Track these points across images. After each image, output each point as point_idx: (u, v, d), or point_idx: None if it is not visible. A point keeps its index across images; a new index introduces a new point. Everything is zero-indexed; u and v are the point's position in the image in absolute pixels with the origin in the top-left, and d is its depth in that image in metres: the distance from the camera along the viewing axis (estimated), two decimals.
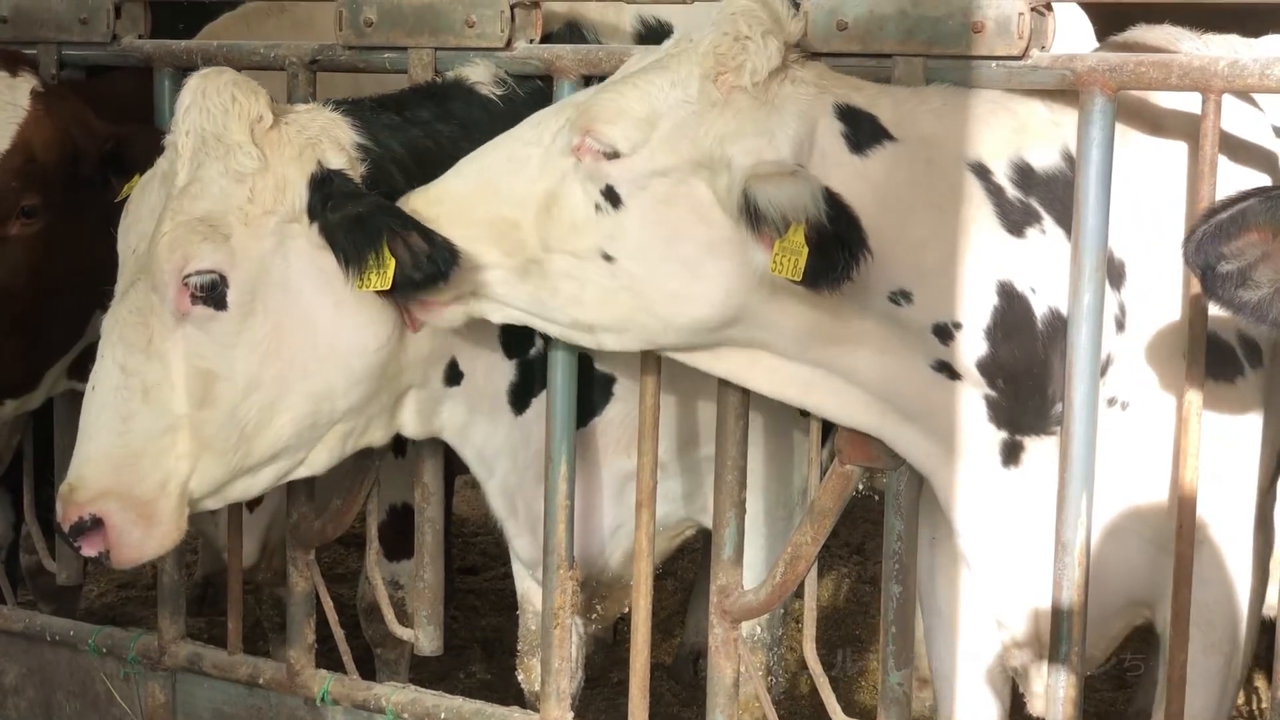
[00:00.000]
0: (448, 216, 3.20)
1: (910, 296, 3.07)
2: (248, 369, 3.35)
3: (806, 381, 3.27)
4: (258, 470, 3.47)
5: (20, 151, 3.87)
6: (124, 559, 3.38)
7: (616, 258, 3.12)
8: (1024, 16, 3.12)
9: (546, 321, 3.29)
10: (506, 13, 3.65)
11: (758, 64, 3.05)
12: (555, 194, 3.15)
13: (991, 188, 3.10)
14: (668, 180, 3.08)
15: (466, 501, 7.87)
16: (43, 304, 3.94)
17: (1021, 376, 3.13)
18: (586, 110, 3.16)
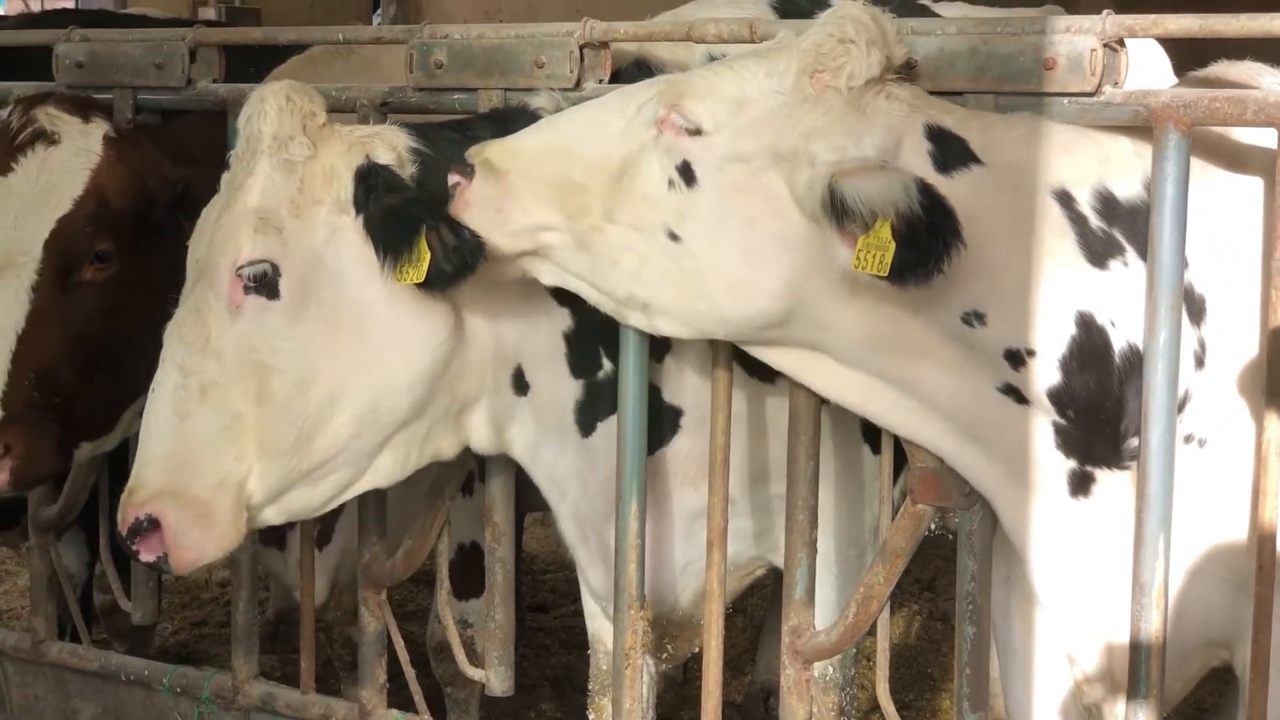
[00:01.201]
0: (518, 170, 3.19)
1: (984, 319, 3.05)
2: (302, 362, 3.35)
3: (867, 389, 3.24)
4: (318, 478, 3.45)
5: (93, 197, 3.91)
6: (182, 561, 3.36)
7: (682, 237, 3.10)
8: (1096, 53, 3.10)
9: (602, 294, 3.25)
10: (576, 53, 3.66)
11: (856, 69, 3.04)
12: (630, 163, 3.13)
13: (1075, 216, 3.07)
14: (746, 167, 3.06)
15: (536, 539, 7.90)
16: (117, 347, 3.97)
17: (1094, 409, 3.10)
18: (677, 85, 3.15)
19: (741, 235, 3.06)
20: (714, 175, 3.07)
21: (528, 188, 3.18)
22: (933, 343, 3.11)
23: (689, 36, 3.63)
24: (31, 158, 3.92)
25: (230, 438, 3.34)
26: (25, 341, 3.81)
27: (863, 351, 3.17)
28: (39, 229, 3.87)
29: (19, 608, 6.60)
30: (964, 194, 3.03)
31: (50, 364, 3.83)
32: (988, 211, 3.05)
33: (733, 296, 3.11)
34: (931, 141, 3.07)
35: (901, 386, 3.19)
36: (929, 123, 3.09)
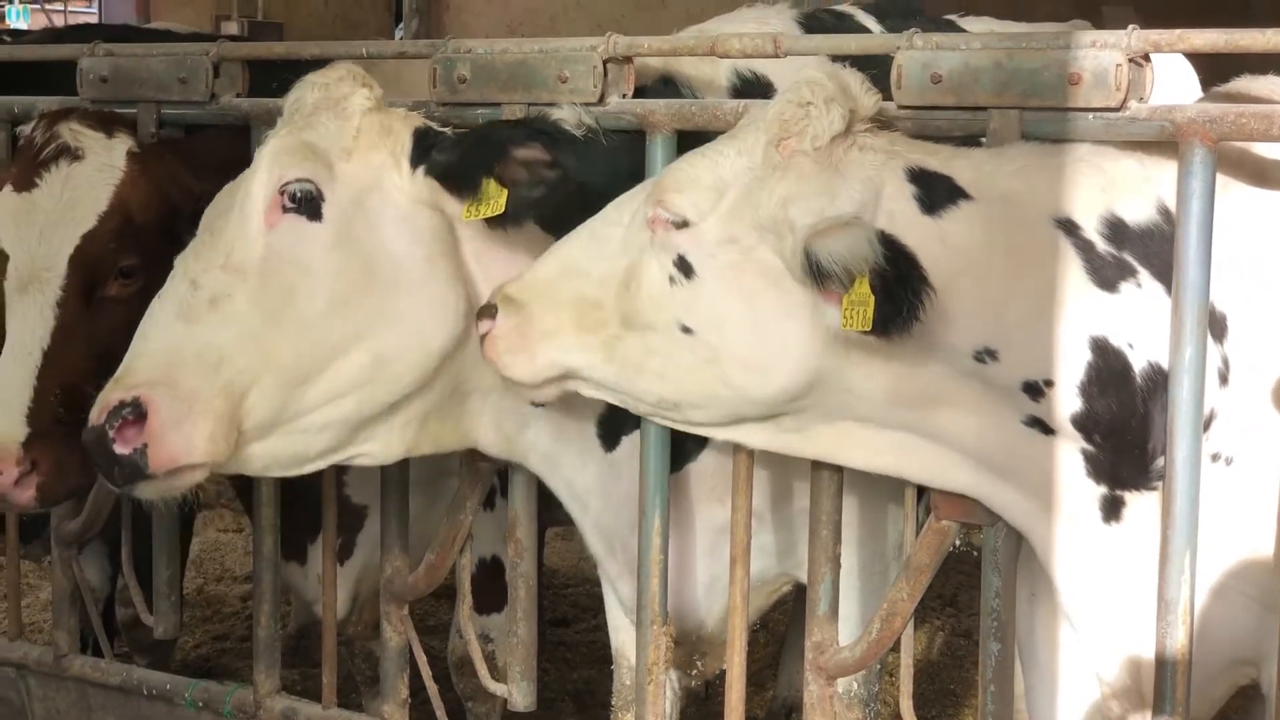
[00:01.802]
0: (536, 300, 3.25)
1: (996, 355, 3.05)
2: (332, 291, 3.37)
3: (899, 448, 3.25)
4: (310, 430, 3.42)
5: (118, 212, 3.91)
6: (162, 456, 3.25)
7: (693, 329, 3.13)
8: (1121, 68, 3.09)
9: (636, 401, 3.31)
10: (599, 68, 3.66)
11: (819, 129, 3.07)
12: (633, 269, 3.18)
13: (1080, 244, 3.06)
14: (736, 247, 3.09)
15: (557, 553, 7.90)
16: None
17: (1120, 431, 3.09)
18: (659, 183, 3.20)
19: (746, 314, 3.09)
20: (709, 262, 3.11)
21: (547, 313, 3.24)
22: (951, 386, 3.11)
23: (713, 51, 3.63)
24: (56, 173, 3.92)
25: (239, 348, 3.31)
26: (51, 358, 3.81)
27: (888, 408, 3.17)
28: (63, 245, 3.87)
29: (41, 621, 6.62)
30: (956, 232, 3.04)
31: (76, 380, 3.82)
32: (984, 246, 3.05)
33: (751, 376, 3.14)
34: (915, 184, 3.08)
35: (930, 437, 3.20)
36: (909, 166, 3.10)
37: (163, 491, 3.34)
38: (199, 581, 7.74)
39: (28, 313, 3.85)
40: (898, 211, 3.05)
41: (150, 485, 3.30)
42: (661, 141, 3.57)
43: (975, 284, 3.02)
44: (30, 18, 26.84)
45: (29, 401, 3.78)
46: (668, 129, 3.57)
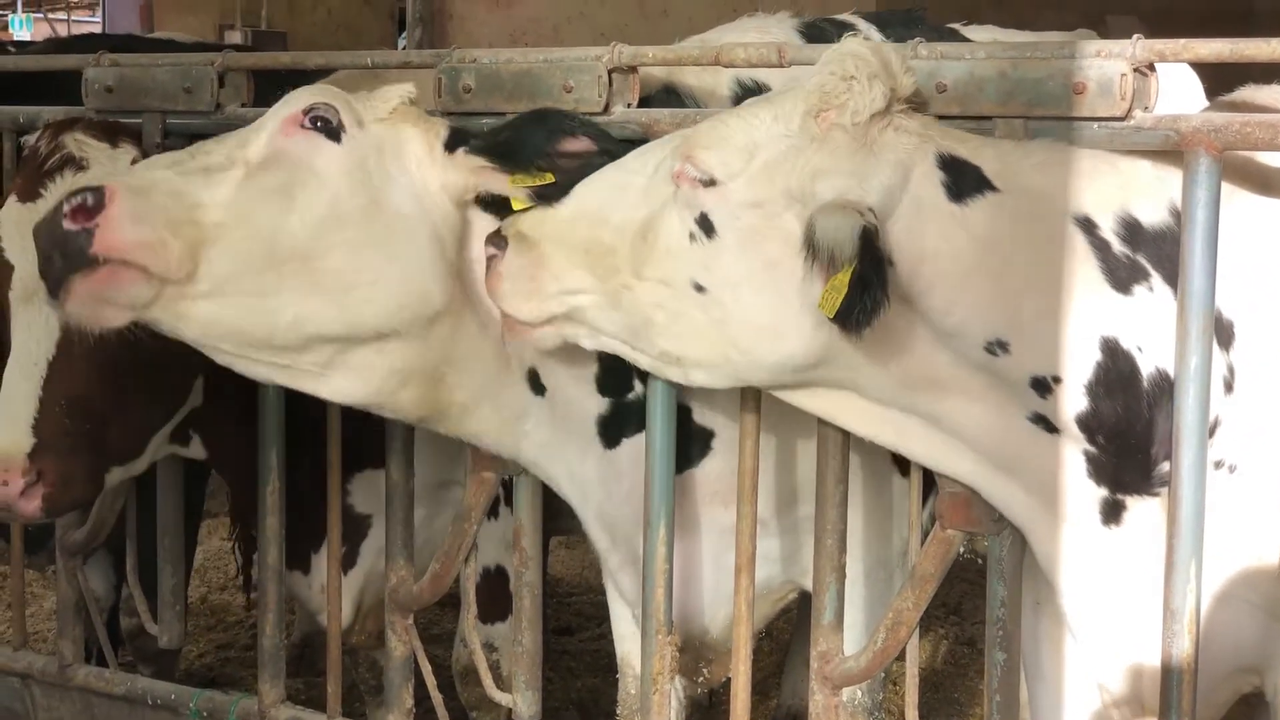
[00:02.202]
0: (549, 238, 3.24)
1: (1007, 347, 3.04)
2: (327, 202, 3.38)
3: (900, 426, 3.24)
4: (266, 313, 3.35)
5: None
6: (108, 240, 3.17)
7: (708, 288, 3.11)
8: (1126, 77, 3.09)
9: (637, 351, 3.27)
10: (604, 77, 3.66)
11: (860, 104, 3.04)
12: (653, 220, 3.16)
13: (1097, 242, 3.06)
14: (761, 212, 3.07)
15: (561, 561, 7.90)
16: (148, 373, 3.98)
17: (1124, 435, 3.08)
18: (689, 137, 3.17)
19: (763, 280, 3.07)
20: (731, 224, 3.08)
21: (559, 254, 3.22)
22: (960, 375, 3.10)
23: (718, 61, 3.63)
24: (60, 184, 3.92)
25: (221, 204, 3.31)
26: (56, 369, 3.81)
27: (894, 389, 3.16)
28: None
29: (45, 630, 6.61)
30: (979, 221, 3.04)
31: (81, 391, 3.83)
32: (1005, 238, 3.05)
33: (763, 342, 3.12)
34: (944, 170, 3.07)
35: (934, 421, 3.19)
36: (941, 152, 3.09)
37: (96, 299, 3.23)
38: (203, 590, 7.74)
39: (33, 323, 3.85)
40: (925, 197, 3.04)
41: (87, 283, 3.20)
42: None
43: (994, 275, 3.02)
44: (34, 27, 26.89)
45: (34, 412, 3.78)
46: None
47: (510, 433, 3.72)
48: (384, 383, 3.52)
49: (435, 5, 9.03)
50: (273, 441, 4.23)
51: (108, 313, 3.27)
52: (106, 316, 3.27)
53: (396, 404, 3.61)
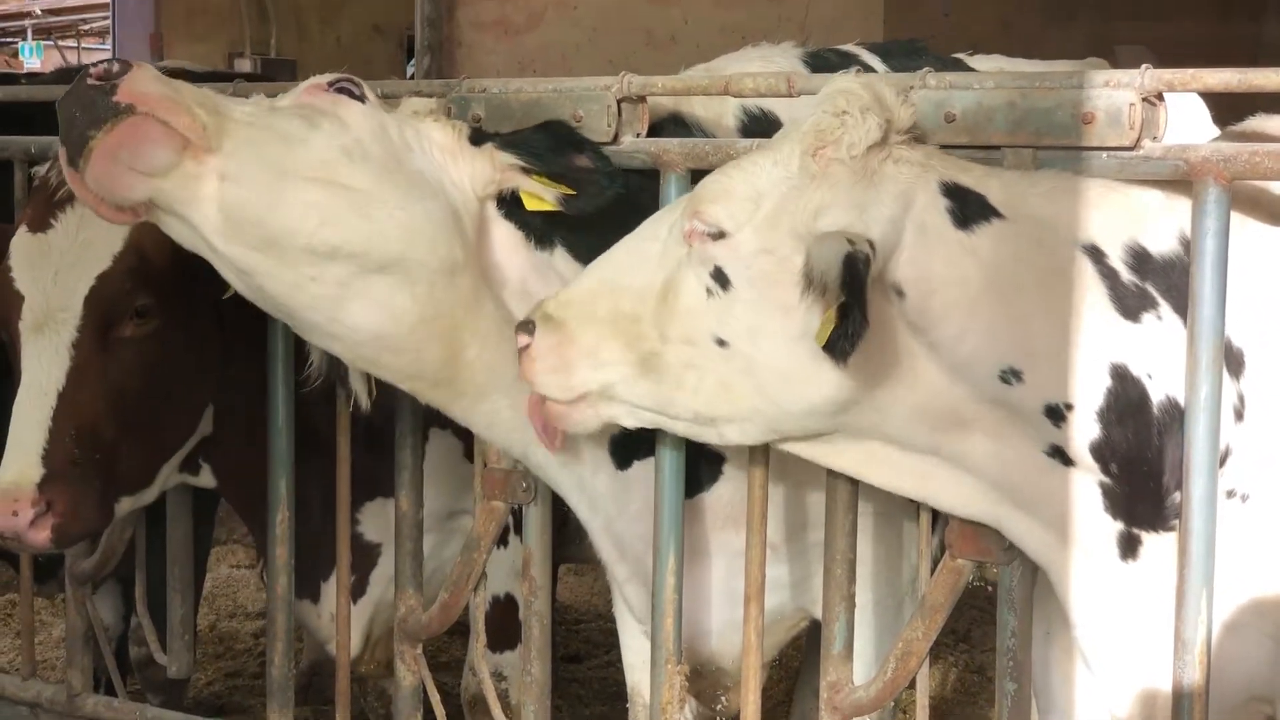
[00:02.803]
0: (575, 318, 3.23)
1: (1020, 375, 3.04)
2: (338, 140, 3.36)
3: (923, 472, 3.24)
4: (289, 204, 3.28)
5: (133, 252, 3.92)
6: (132, 89, 3.15)
7: (729, 341, 3.11)
8: (1135, 107, 3.09)
9: (671, 419, 3.27)
10: (613, 107, 3.67)
11: (854, 137, 3.04)
12: (671, 282, 3.16)
13: (1105, 270, 3.07)
14: (771, 258, 3.06)
15: (569, 588, 7.89)
16: (156, 401, 3.99)
17: (1135, 462, 3.09)
18: (695, 194, 3.19)
19: (780, 325, 3.06)
20: (744, 273, 3.08)
21: (585, 329, 3.22)
22: (979, 410, 3.10)
23: (727, 91, 3.63)
24: (71, 214, 3.94)
25: (240, 107, 3.35)
26: (66, 399, 3.82)
27: (915, 430, 3.16)
28: (79, 285, 3.88)
29: (54, 659, 6.60)
30: (986, 248, 3.04)
31: (91, 421, 3.84)
32: (1013, 265, 3.05)
33: (788, 388, 3.11)
34: (948, 197, 3.07)
35: (955, 463, 3.19)
36: (944, 180, 3.09)
37: (116, 159, 3.15)
38: (211, 618, 7.73)
39: (43, 353, 3.86)
40: (930, 224, 3.04)
41: (108, 139, 3.15)
42: (675, 181, 3.58)
43: (1003, 302, 3.02)
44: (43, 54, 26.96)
45: (44, 442, 3.78)
46: (681, 168, 3.57)
47: (522, 430, 3.61)
48: (404, 322, 3.42)
49: (444, 33, 9.06)
50: (282, 470, 4.24)
51: (126, 180, 3.19)
52: (125, 184, 3.19)
53: (418, 359, 3.50)
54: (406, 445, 4.13)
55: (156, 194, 3.24)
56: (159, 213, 3.30)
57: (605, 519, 3.87)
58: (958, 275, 2.99)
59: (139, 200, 3.24)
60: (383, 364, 3.54)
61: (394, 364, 3.53)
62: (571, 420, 3.31)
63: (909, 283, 3.01)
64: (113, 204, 3.24)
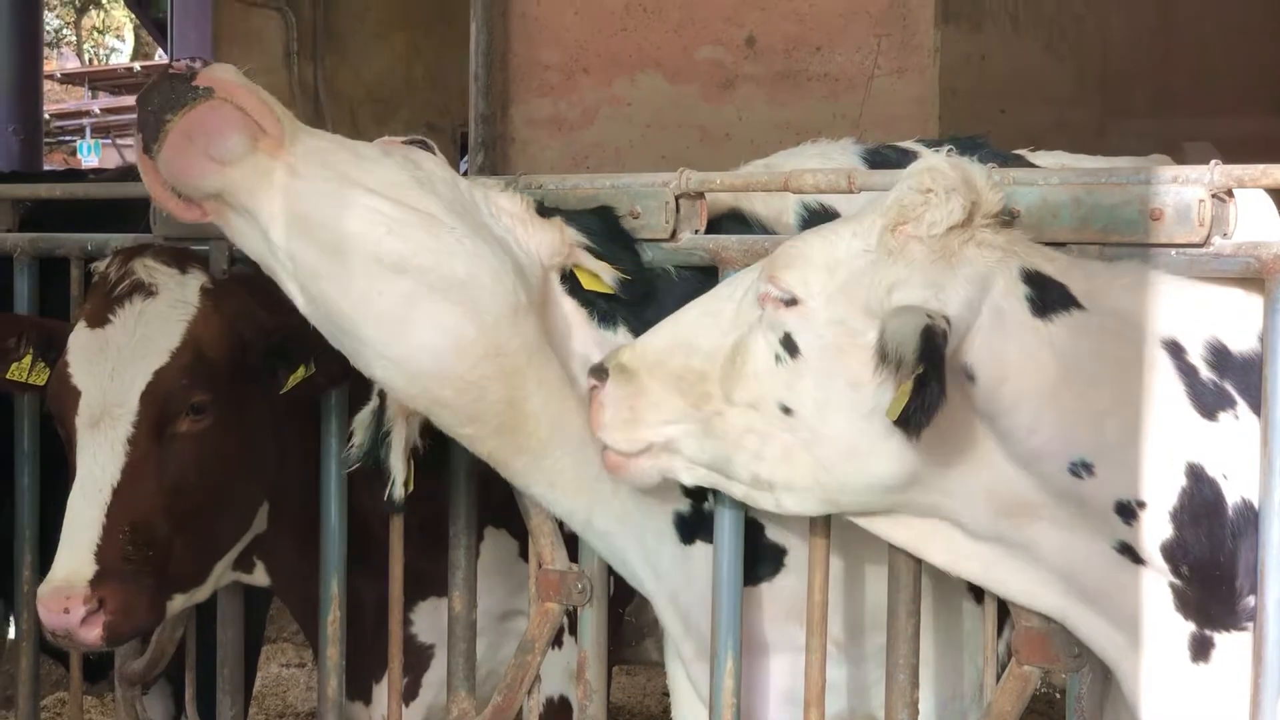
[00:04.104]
0: (647, 368, 3.23)
1: (1092, 469, 2.99)
2: (406, 172, 3.37)
3: (986, 558, 3.19)
4: (353, 206, 3.26)
5: (189, 349, 3.92)
6: (213, 75, 3.17)
7: (794, 410, 3.08)
8: (1204, 203, 3.05)
9: (730, 480, 3.24)
10: (671, 204, 3.65)
11: (936, 217, 3.01)
12: (741, 345, 3.15)
13: (1184, 367, 3.02)
14: (843, 329, 3.04)
15: (622, 689, 7.81)
16: (211, 498, 3.96)
17: (1208, 565, 3.02)
18: (772, 258, 3.17)
19: (848, 399, 3.03)
20: (815, 343, 3.06)
21: (655, 383, 3.22)
22: (1046, 500, 3.05)
23: (786, 186, 3.60)
24: (129, 309, 3.94)
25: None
26: (120, 495, 3.79)
27: (980, 513, 3.11)
28: (135, 381, 3.87)
29: None
30: (1064, 338, 2.99)
31: (144, 517, 3.81)
32: (1091, 357, 3.00)
33: (851, 463, 3.08)
34: (1028, 284, 3.03)
35: (1020, 551, 3.13)
36: (1025, 267, 3.05)
37: (190, 141, 3.16)
38: (260, 718, 7.67)
39: (98, 449, 3.84)
40: (1008, 309, 3.00)
41: (185, 120, 3.16)
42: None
43: (1078, 394, 2.97)
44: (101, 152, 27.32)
45: (97, 539, 3.75)
46: (740, 265, 3.54)
47: (586, 492, 3.60)
48: (468, 354, 3.34)
49: (498, 130, 9.11)
50: (334, 570, 4.20)
51: (199, 166, 3.18)
52: (197, 170, 3.19)
53: (480, 398, 3.40)
54: (460, 544, 4.08)
55: (227, 184, 3.22)
56: (226, 211, 3.29)
57: (671, 591, 3.80)
58: (1033, 364, 2.95)
59: (209, 190, 3.23)
60: (444, 401, 3.42)
61: (455, 402, 3.42)
62: (630, 472, 3.29)
63: (981, 366, 2.97)
64: (184, 192, 3.24)
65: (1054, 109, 8.61)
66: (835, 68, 8.54)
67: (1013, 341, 2.96)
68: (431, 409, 3.47)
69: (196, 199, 3.26)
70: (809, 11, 8.49)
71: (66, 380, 3.94)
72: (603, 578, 3.90)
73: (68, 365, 3.95)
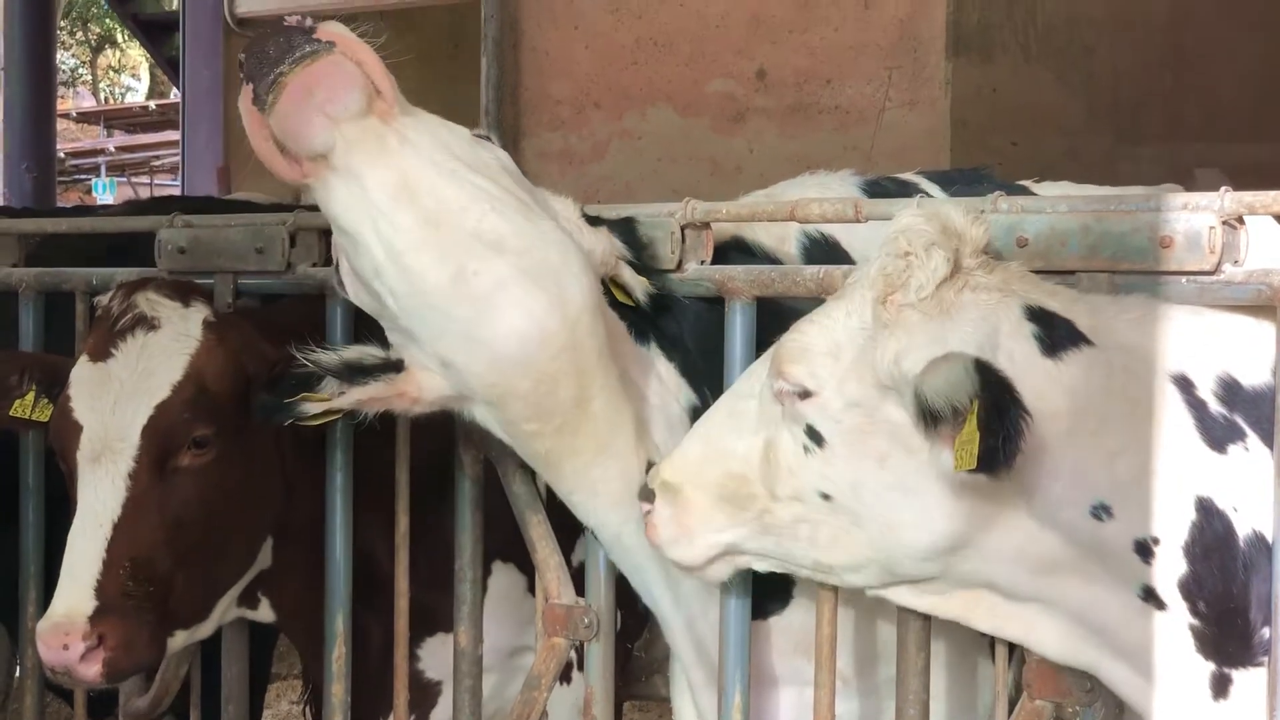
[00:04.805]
0: (688, 481, 3.24)
1: (1111, 511, 2.96)
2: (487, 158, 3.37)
3: (1027, 619, 3.18)
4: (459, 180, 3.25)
5: (192, 382, 3.89)
6: (333, 31, 3.14)
7: (832, 495, 3.09)
8: (1215, 230, 3.02)
9: (796, 566, 3.26)
10: (677, 234, 3.64)
11: (922, 279, 2.99)
12: (771, 442, 3.16)
13: (1193, 401, 2.99)
14: (860, 410, 3.04)
15: None
16: (213, 533, 3.93)
17: (1222, 598, 2.99)
18: (776, 354, 3.16)
19: (879, 476, 3.04)
20: (836, 429, 3.06)
21: (699, 495, 3.23)
22: (1073, 554, 3.03)
23: (793, 216, 3.59)
24: (131, 343, 3.92)
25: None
26: (121, 530, 3.76)
27: (1016, 574, 3.09)
28: (137, 415, 3.84)
29: None
30: (1076, 376, 2.96)
31: (146, 552, 3.78)
32: (1102, 395, 2.97)
33: (896, 538, 3.08)
34: (1034, 323, 3.00)
35: (1057, 608, 3.12)
36: (1028, 305, 3.02)
37: (309, 95, 3.09)
38: None
39: (99, 483, 3.81)
40: (1018, 351, 2.97)
41: (305, 72, 3.09)
42: (740, 308, 3.53)
43: (1092, 434, 2.95)
44: (116, 191, 27.44)
45: (97, 574, 3.72)
46: (747, 295, 3.53)
47: (626, 506, 3.53)
48: (550, 344, 3.28)
49: None
50: (339, 606, 4.17)
51: (313, 121, 3.12)
52: (311, 126, 3.12)
53: (552, 392, 3.35)
54: (466, 579, 4.05)
55: (339, 142, 3.15)
56: (328, 174, 3.20)
57: (688, 617, 3.77)
58: (1048, 408, 2.91)
59: (320, 148, 3.15)
60: (519, 392, 3.35)
61: (530, 394, 3.36)
62: (707, 576, 3.33)
63: None
64: (292, 148, 3.16)
65: (1066, 139, 8.59)
66: (846, 100, 8.53)
67: (1025, 385, 2.90)
68: (504, 399, 3.39)
69: (303, 157, 3.18)
70: (820, 44, 8.49)
71: (68, 415, 3.91)
72: (610, 612, 3.87)
73: (69, 400, 3.93)
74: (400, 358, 3.44)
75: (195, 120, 12.73)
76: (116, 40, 39.18)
